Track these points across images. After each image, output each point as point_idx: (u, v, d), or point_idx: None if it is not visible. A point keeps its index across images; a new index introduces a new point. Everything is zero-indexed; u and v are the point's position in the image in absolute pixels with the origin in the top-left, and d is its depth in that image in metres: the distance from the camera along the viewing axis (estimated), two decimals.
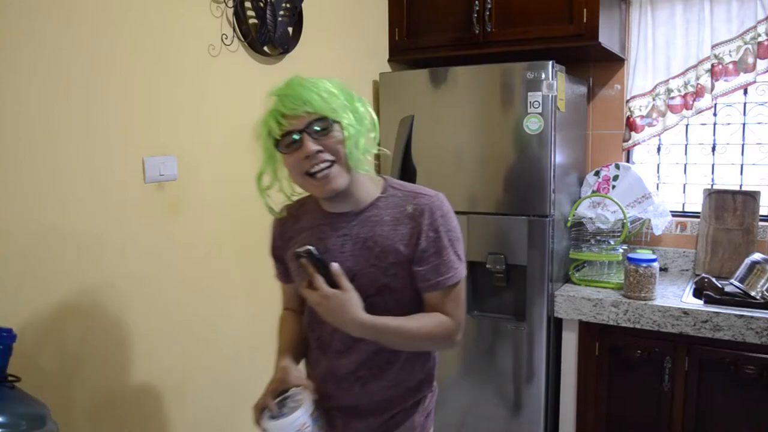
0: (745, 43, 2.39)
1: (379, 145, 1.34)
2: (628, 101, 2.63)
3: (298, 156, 1.18)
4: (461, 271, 1.28)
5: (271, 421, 1.20)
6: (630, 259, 2.24)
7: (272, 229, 1.41)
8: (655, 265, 2.22)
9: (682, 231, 2.64)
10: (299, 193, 1.34)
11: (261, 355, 2.10)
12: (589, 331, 2.31)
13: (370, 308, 1.22)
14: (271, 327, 2.12)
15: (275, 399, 1.24)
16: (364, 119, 1.24)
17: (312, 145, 1.17)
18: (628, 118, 2.64)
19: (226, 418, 1.96)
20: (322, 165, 1.18)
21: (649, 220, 2.51)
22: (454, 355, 2.47)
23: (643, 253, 2.24)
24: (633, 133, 2.63)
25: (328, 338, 1.31)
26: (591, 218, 2.46)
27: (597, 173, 2.63)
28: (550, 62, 2.20)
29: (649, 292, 2.20)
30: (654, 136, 2.61)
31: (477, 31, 2.46)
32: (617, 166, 2.60)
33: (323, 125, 1.18)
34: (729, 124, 2.58)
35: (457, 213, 2.39)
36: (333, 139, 1.19)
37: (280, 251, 1.40)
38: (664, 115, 2.57)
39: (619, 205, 2.43)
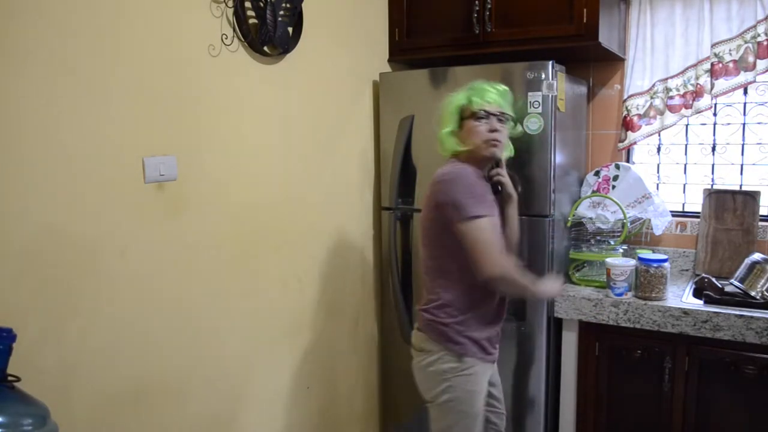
0: (746, 42, 2.38)
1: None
2: (625, 100, 2.63)
3: (487, 126, 1.79)
4: None
5: None
6: (641, 260, 2.23)
7: (478, 181, 1.80)
8: (666, 265, 2.21)
9: (682, 231, 2.64)
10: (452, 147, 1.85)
11: (261, 354, 2.10)
12: (589, 331, 2.31)
13: None
14: (270, 327, 2.13)
15: None
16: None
17: (498, 125, 1.81)
18: (624, 118, 2.63)
19: (227, 418, 1.96)
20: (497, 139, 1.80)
21: (649, 220, 2.50)
22: None
23: (648, 253, 2.24)
24: (629, 133, 2.63)
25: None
26: (591, 218, 2.46)
27: (597, 173, 2.63)
28: (550, 62, 2.20)
29: (660, 292, 2.19)
30: (650, 134, 2.61)
31: (477, 31, 2.46)
32: (617, 166, 2.60)
33: (505, 118, 1.84)
34: (729, 124, 2.58)
35: None
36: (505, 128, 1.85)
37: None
38: (662, 113, 2.57)
39: (619, 205, 2.43)
